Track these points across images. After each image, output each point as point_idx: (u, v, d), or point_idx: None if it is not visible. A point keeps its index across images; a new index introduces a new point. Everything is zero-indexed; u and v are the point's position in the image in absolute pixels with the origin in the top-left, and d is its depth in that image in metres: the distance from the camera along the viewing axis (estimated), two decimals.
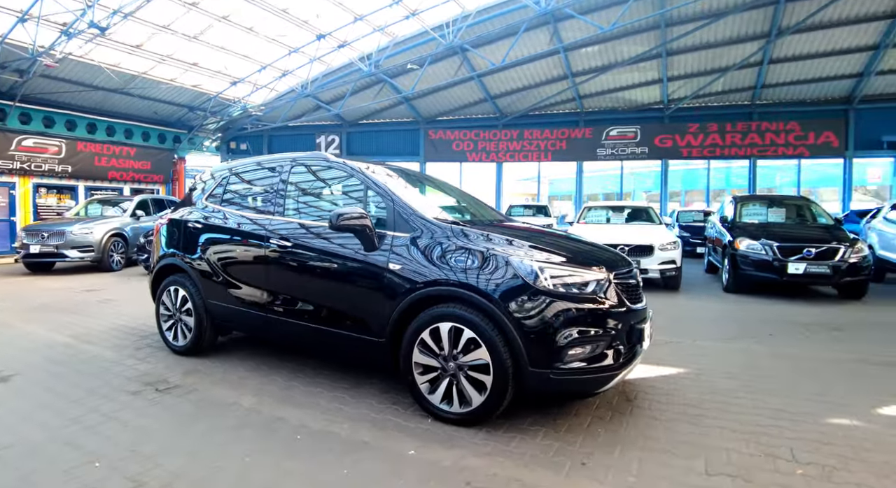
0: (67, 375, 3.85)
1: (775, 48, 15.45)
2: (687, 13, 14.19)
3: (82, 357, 4.32)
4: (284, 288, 3.67)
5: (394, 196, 3.35)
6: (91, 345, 4.69)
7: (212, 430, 2.90)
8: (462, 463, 2.51)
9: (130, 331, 5.27)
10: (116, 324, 5.55)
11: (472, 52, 15.75)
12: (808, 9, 13.71)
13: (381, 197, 3.42)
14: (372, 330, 3.21)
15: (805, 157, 18.38)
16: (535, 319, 2.73)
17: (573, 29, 15.09)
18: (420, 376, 3.02)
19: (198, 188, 4.68)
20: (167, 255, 4.50)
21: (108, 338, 4.94)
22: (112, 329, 5.34)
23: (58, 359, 4.25)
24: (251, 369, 4.00)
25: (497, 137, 20.32)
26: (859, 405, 3.42)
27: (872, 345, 4.99)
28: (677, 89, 18.24)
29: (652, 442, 2.79)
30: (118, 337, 5.01)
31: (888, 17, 13.87)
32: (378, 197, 3.47)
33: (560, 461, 2.56)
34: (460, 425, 2.92)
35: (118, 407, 3.21)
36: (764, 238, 7.75)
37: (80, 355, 4.37)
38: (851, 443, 2.83)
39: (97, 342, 4.81)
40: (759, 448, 2.75)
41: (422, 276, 3.01)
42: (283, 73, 16.71)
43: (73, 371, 3.95)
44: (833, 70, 16.33)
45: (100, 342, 4.81)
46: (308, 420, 3.04)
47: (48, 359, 4.27)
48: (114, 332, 5.17)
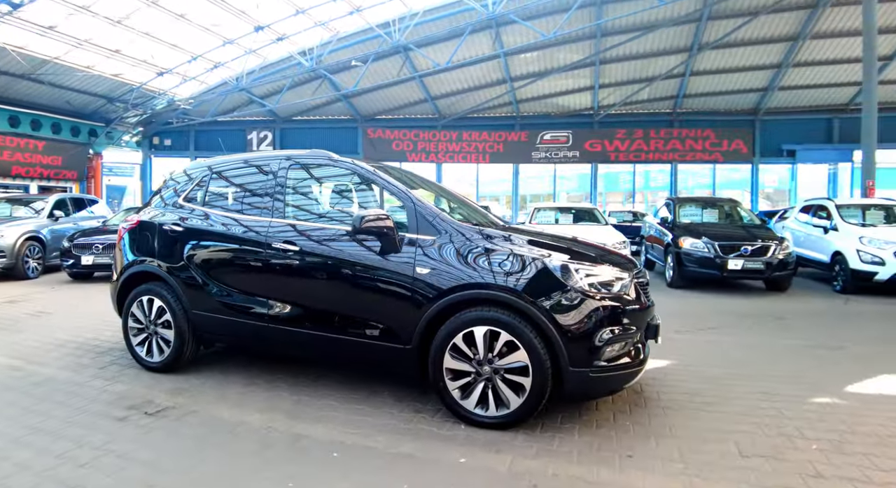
0: (28, 403, 3.32)
1: (696, 62, 16.73)
2: (621, 25, 15.02)
3: (36, 379, 3.77)
4: (290, 295, 3.43)
5: (413, 198, 3.25)
6: (42, 367, 4.10)
7: (233, 456, 2.65)
8: (517, 468, 2.50)
9: (81, 346, 4.69)
10: (61, 340, 4.92)
11: (415, 52, 15.73)
12: (725, 28, 14.98)
13: (398, 199, 3.30)
14: (398, 336, 3.09)
15: (719, 162, 20.06)
16: (575, 319, 2.78)
17: (514, 34, 15.48)
18: (451, 382, 2.96)
19: (169, 188, 4.27)
20: (137, 262, 4.05)
21: (60, 357, 4.36)
22: (58, 346, 4.72)
23: (9, 385, 3.67)
24: (245, 384, 3.70)
25: (437, 138, 20.43)
26: (829, 385, 3.79)
27: (815, 332, 5.55)
28: (607, 96, 19.26)
29: (680, 431, 2.94)
30: (70, 354, 4.44)
31: (790, 40, 15.47)
32: (393, 199, 3.36)
33: (607, 456, 2.63)
34: (496, 429, 2.89)
35: (109, 438, 2.81)
36: (705, 237, 8.38)
37: (33, 378, 3.80)
38: (841, 419, 3.13)
39: (48, 362, 4.21)
40: (772, 430, 2.97)
41: (453, 280, 2.95)
42: (214, 65, 15.80)
43: (33, 398, 3.42)
44: (743, 84, 17.95)
45: (51, 362, 4.22)
46: (335, 435, 2.86)
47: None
48: (62, 350, 4.58)
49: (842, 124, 18.65)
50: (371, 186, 3.60)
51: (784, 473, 2.49)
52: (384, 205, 3.42)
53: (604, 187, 22.20)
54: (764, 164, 19.73)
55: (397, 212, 3.33)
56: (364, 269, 3.19)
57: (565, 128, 20.41)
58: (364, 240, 3.21)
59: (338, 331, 3.27)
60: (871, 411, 3.30)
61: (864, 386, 3.84)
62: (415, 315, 3.01)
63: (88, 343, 4.82)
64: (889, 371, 4.18)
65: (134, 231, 4.19)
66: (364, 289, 3.20)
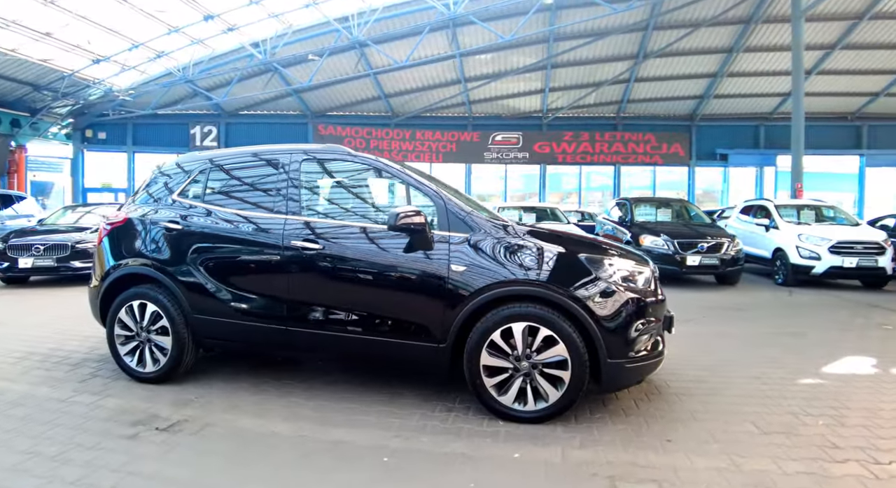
0: (12, 425, 2.93)
1: (640, 69, 17.60)
2: (574, 30, 15.54)
3: (9, 398, 3.32)
4: (313, 296, 3.30)
5: (442, 194, 3.24)
6: (12, 383, 3.61)
7: (278, 468, 2.50)
8: (571, 458, 2.55)
9: (48, 359, 4.17)
10: (21, 352, 4.37)
11: (371, 48, 15.55)
12: (668, 37, 15.87)
13: (426, 196, 3.26)
14: (431, 335, 3.05)
15: (659, 165, 21.20)
16: (612, 313, 2.89)
17: (471, 35, 15.67)
18: (488, 379, 2.97)
19: (158, 182, 3.97)
20: (125, 264, 3.72)
21: (26, 371, 3.87)
22: (20, 359, 4.18)
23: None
24: (254, 392, 3.50)
25: (390, 136, 20.30)
26: (807, 368, 4.14)
27: (775, 321, 6.03)
28: (556, 100, 19.89)
29: (700, 415, 3.11)
30: (37, 368, 3.95)
31: (725, 52, 16.61)
32: (420, 195, 3.33)
33: (648, 441, 2.74)
34: (534, 423, 2.93)
35: (126, 459, 2.53)
36: (664, 235, 8.87)
37: (5, 396, 3.36)
38: (831, 397, 3.43)
39: (14, 378, 3.72)
40: (778, 409, 3.22)
41: (490, 277, 2.96)
42: (158, 54, 14.91)
43: (14, 419, 3.01)
44: (682, 91, 19.08)
45: (18, 378, 3.73)
46: (376, 439, 2.78)
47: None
48: (26, 363, 4.07)
49: (767, 131, 20.25)
50: (391, 182, 3.55)
51: (805, 446, 2.71)
52: (410, 202, 3.39)
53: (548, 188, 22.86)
54: (699, 167, 21.05)
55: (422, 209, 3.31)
56: (395, 268, 3.13)
57: (516, 129, 20.88)
58: (395, 237, 3.14)
59: (367, 331, 3.19)
60: (851, 389, 3.64)
61: (835, 367, 4.22)
62: (450, 313, 2.99)
63: (54, 354, 4.33)
64: (849, 353, 4.62)
65: (120, 230, 3.83)
66: (395, 287, 3.14)
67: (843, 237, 8.54)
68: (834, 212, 10.23)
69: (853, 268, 8.42)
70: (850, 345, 4.99)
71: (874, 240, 8.52)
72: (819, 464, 2.52)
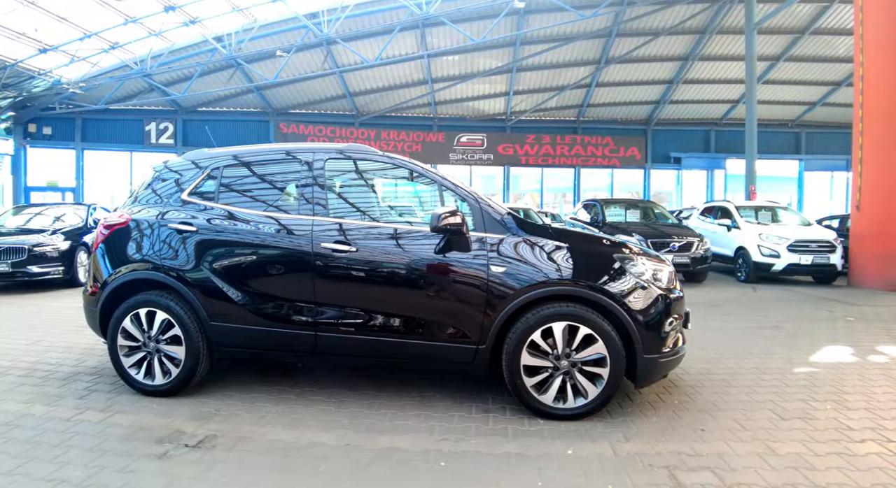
0: (17, 449, 2.65)
1: (602, 74, 18.17)
2: (540, 35, 15.87)
3: (3, 419, 3.04)
4: (346, 300, 3.22)
5: (477, 195, 3.26)
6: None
7: (339, 480, 2.41)
8: (621, 451, 2.64)
9: (31, 374, 3.85)
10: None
11: (338, 46, 15.33)
12: (630, 44, 16.48)
13: (460, 196, 3.26)
14: (469, 337, 3.07)
15: (617, 168, 21.94)
16: (648, 310, 3.01)
17: (439, 37, 15.73)
18: (528, 378, 3.02)
19: (164, 180, 3.73)
20: (130, 269, 3.48)
21: (12, 388, 3.55)
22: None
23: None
24: (276, 401, 3.35)
25: (354, 136, 20.04)
26: (796, 358, 4.43)
27: (751, 315, 6.41)
28: (520, 103, 20.24)
29: (722, 405, 3.28)
30: (23, 384, 3.64)
31: (681, 59, 17.40)
32: (451, 196, 3.32)
33: (684, 432, 2.87)
34: (573, 420, 3.00)
35: (168, 481, 2.38)
36: (637, 234, 9.22)
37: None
38: (829, 384, 3.70)
39: (4, 398, 3.38)
40: (787, 397, 3.44)
41: (529, 278, 3.01)
42: (112, 45, 14.12)
43: (18, 442, 2.75)
44: (640, 96, 19.83)
45: (4, 395, 3.41)
46: (425, 444, 2.73)
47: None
48: (9, 379, 3.73)
49: (717, 136, 21.35)
50: (420, 183, 3.53)
51: (824, 429, 2.92)
52: (443, 203, 3.36)
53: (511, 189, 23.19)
54: (654, 170, 21.94)
55: None
56: (434, 270, 3.11)
57: (480, 131, 21.09)
58: (430, 238, 3.13)
59: (404, 334, 3.16)
60: (842, 376, 3.94)
61: (820, 356, 4.55)
62: (490, 314, 3.02)
63: (37, 368, 4.00)
64: (827, 343, 4.99)
65: (121, 232, 3.56)
66: (434, 290, 3.13)
67: (799, 236, 9.15)
68: (788, 213, 10.93)
69: (809, 265, 9.04)
70: (824, 335, 5.36)
71: (826, 239, 9.17)
72: (843, 445, 2.73)
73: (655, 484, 2.32)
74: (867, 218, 8.61)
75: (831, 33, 15.90)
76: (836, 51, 16.70)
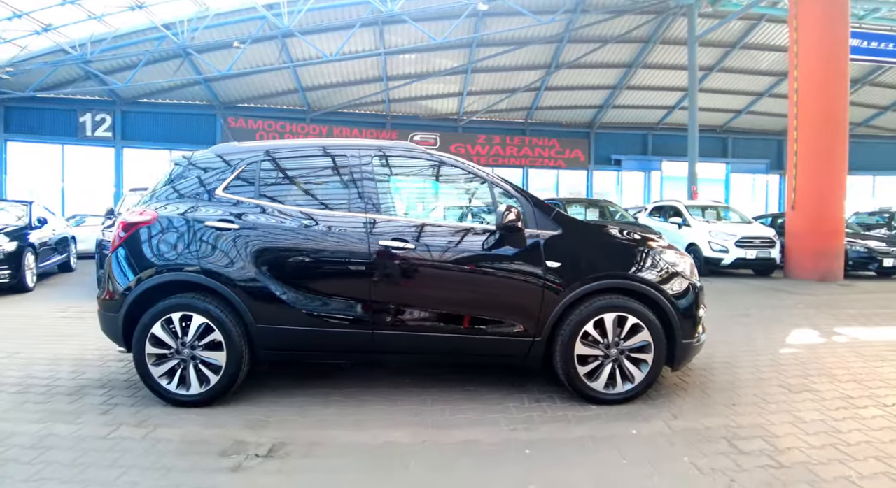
0: (69, 475, 2.43)
1: (552, 78, 18.87)
2: (496, 38, 16.27)
3: (27, 441, 2.75)
4: (405, 298, 3.26)
5: (527, 194, 3.42)
6: (8, 423, 2.98)
7: (431, 474, 2.47)
8: (676, 428, 2.89)
9: (28, 389, 3.53)
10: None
11: (293, 40, 14.98)
12: (580, 50, 17.24)
13: (512, 195, 3.39)
14: (528, 329, 3.22)
15: (562, 169, 22.86)
16: (686, 299, 3.31)
17: (398, 34, 15.75)
18: (581, 367, 3.23)
19: (189, 176, 3.54)
20: (160, 270, 3.28)
21: (14, 407, 3.23)
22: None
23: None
24: (326, 403, 3.30)
25: (305, 131, 19.62)
26: (776, 341, 4.96)
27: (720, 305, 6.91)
28: (472, 103, 20.62)
29: (739, 383, 3.66)
30: (26, 401, 3.32)
31: (626, 66, 18.42)
32: (501, 194, 3.43)
33: (719, 409, 3.18)
34: (621, 404, 3.23)
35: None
36: None
37: (19, 439, 2.77)
38: (815, 363, 4.18)
39: (7, 416, 3.08)
40: (787, 374, 3.88)
41: (583, 272, 3.21)
42: (45, 27, 13.00)
43: (60, 465, 2.51)
44: (585, 101, 20.77)
45: (10, 415, 3.09)
46: (502, 434, 2.86)
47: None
48: (3, 397, 3.38)
49: (654, 139, 22.75)
50: (470, 181, 3.65)
51: (830, 399, 3.35)
52: (495, 201, 3.43)
53: None
54: (597, 171, 23.04)
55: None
56: (493, 266, 3.23)
57: (433, 130, 21.27)
58: (488, 235, 3.26)
59: (463, 329, 3.25)
60: (820, 354, 4.48)
61: (794, 339, 5.13)
62: (547, 307, 3.18)
63: (31, 383, 3.63)
64: (793, 327, 5.60)
65: (147, 231, 3.35)
66: (493, 285, 3.24)
67: (745, 233, 10.06)
68: (730, 212, 11.94)
69: (753, 260, 9.97)
70: (788, 320, 6.00)
71: (768, 235, 10.14)
72: (852, 411, 3.15)
73: (722, 453, 2.60)
74: (802, 217, 9.60)
75: (758, 48, 17.44)
76: (761, 64, 18.33)
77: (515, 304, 3.22)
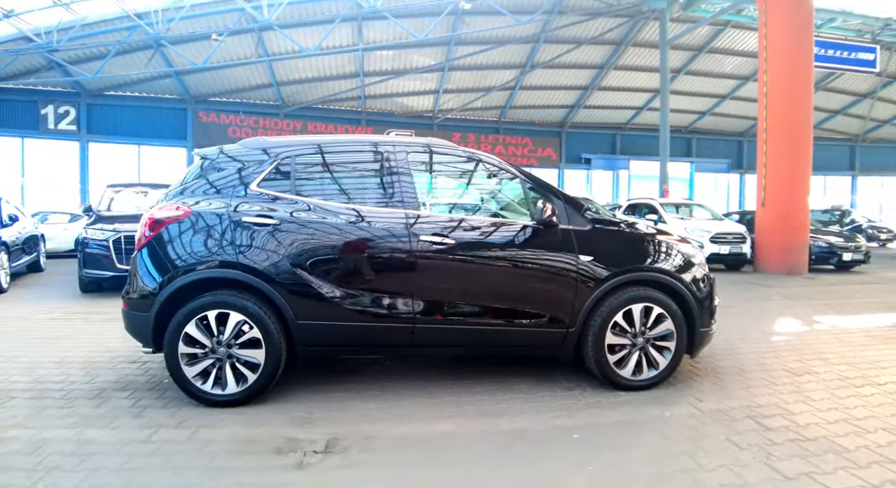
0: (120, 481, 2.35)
1: (526, 78, 19.19)
2: (474, 37, 16.44)
3: (63, 447, 2.63)
4: (446, 292, 3.35)
5: (559, 192, 3.57)
6: (33, 430, 2.84)
7: (498, 459, 2.57)
8: (706, 409, 3.12)
9: (40, 395, 3.36)
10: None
11: (270, 33, 14.74)
12: (555, 51, 17.60)
13: (543, 193, 3.52)
14: (562, 321, 3.36)
15: (535, 167, 23.22)
16: (704, 290, 3.55)
17: (377, 30, 15.71)
18: (611, 356, 3.41)
19: (220, 170, 3.46)
20: (195, 267, 3.21)
21: (34, 413, 3.08)
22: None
23: (60, 465, 2.46)
24: (364, 398, 3.33)
25: (279, 127, 19.31)
26: (763, 328, 5.33)
27: None
28: (447, 101, 20.74)
29: (745, 368, 3.93)
30: (45, 406, 3.18)
31: (598, 67, 18.92)
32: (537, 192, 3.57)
33: (736, 391, 3.44)
34: (646, 389, 3.43)
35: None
36: None
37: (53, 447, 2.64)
38: (803, 347, 4.52)
39: (27, 422, 2.95)
40: (786, 359, 4.18)
41: (613, 265, 3.39)
42: (6, 13, 12.35)
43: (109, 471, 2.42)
44: (557, 100, 21.21)
45: (30, 421, 2.95)
46: (543, 422, 2.99)
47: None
48: (17, 403, 3.23)
49: (622, 139, 23.43)
50: (504, 178, 3.76)
51: (830, 380, 3.66)
52: (528, 198, 3.58)
53: None
54: (568, 169, 23.57)
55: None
56: (531, 260, 3.37)
57: (408, 127, 21.22)
58: (525, 230, 3.41)
59: (502, 321, 3.37)
60: (808, 340, 4.84)
61: (782, 327, 5.51)
62: (580, 299, 3.34)
63: (44, 388, 3.46)
64: (777, 317, 6.02)
65: (179, 227, 3.27)
66: (531, 278, 3.37)
67: (718, 229, 10.57)
68: (702, 209, 12.50)
69: (726, 254, 10.48)
70: (770, 311, 6.41)
71: (739, 231, 10.69)
72: (852, 390, 3.47)
73: (752, 430, 2.84)
74: (771, 215, 10.17)
75: (723, 53, 18.23)
76: (725, 68, 19.17)
77: (552, 297, 3.37)
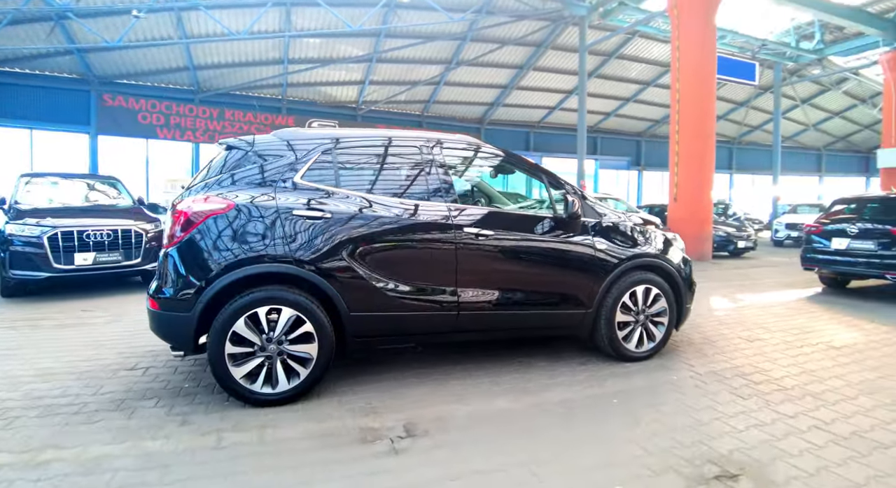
0: (206, 485, 2.32)
1: (451, 74, 19.67)
2: (404, 31, 16.57)
3: (131, 464, 2.49)
4: (486, 280, 3.61)
5: (576, 187, 4.01)
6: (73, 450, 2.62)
7: (567, 430, 2.86)
8: (702, 372, 3.74)
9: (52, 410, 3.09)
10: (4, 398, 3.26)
11: (197, 13, 13.83)
12: (480, 49, 18.23)
13: (563, 188, 3.92)
14: (583, 303, 3.82)
15: None
16: (689, 274, 4.24)
17: (306, 17, 15.31)
18: (619, 332, 3.95)
19: (253, 162, 3.38)
20: (243, 262, 3.14)
21: (64, 428, 2.86)
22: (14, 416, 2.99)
23: (145, 481, 2.34)
24: (406, 385, 3.50)
25: (194, 114, 18.11)
26: (723, 306, 6.24)
27: None
28: (373, 93, 20.63)
29: (711, 339, 4.69)
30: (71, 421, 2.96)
31: (518, 67, 19.88)
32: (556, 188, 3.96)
33: (716, 357, 4.13)
34: (645, 360, 4.02)
35: (452, 470, 2.46)
36: None
37: (109, 461, 2.49)
38: (748, 321, 5.42)
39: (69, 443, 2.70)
40: (739, 331, 5.01)
41: (622, 252, 3.92)
42: None
43: (200, 479, 2.37)
44: (478, 97, 21.93)
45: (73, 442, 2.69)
46: (582, 393, 3.38)
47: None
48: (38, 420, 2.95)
49: (535, 138, 24.78)
50: (520, 173, 4.14)
51: (777, 343, 4.52)
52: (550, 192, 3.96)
53: None
54: None
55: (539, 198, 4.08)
56: (559, 249, 3.79)
57: (331, 117, 20.85)
58: (552, 222, 3.81)
59: (535, 306, 3.75)
60: (747, 315, 5.75)
61: (720, 305, 6.44)
62: (597, 283, 3.84)
63: (49, 403, 3.19)
64: (712, 295, 6.92)
65: (221, 221, 3.17)
66: (560, 265, 3.79)
67: None
68: (621, 203, 13.79)
69: None
70: (703, 292, 7.39)
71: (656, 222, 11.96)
72: (797, 349, 4.34)
73: (744, 385, 3.52)
74: (682, 208, 11.54)
75: (629, 60, 19.97)
76: (630, 73, 21.00)
77: (577, 282, 3.85)
